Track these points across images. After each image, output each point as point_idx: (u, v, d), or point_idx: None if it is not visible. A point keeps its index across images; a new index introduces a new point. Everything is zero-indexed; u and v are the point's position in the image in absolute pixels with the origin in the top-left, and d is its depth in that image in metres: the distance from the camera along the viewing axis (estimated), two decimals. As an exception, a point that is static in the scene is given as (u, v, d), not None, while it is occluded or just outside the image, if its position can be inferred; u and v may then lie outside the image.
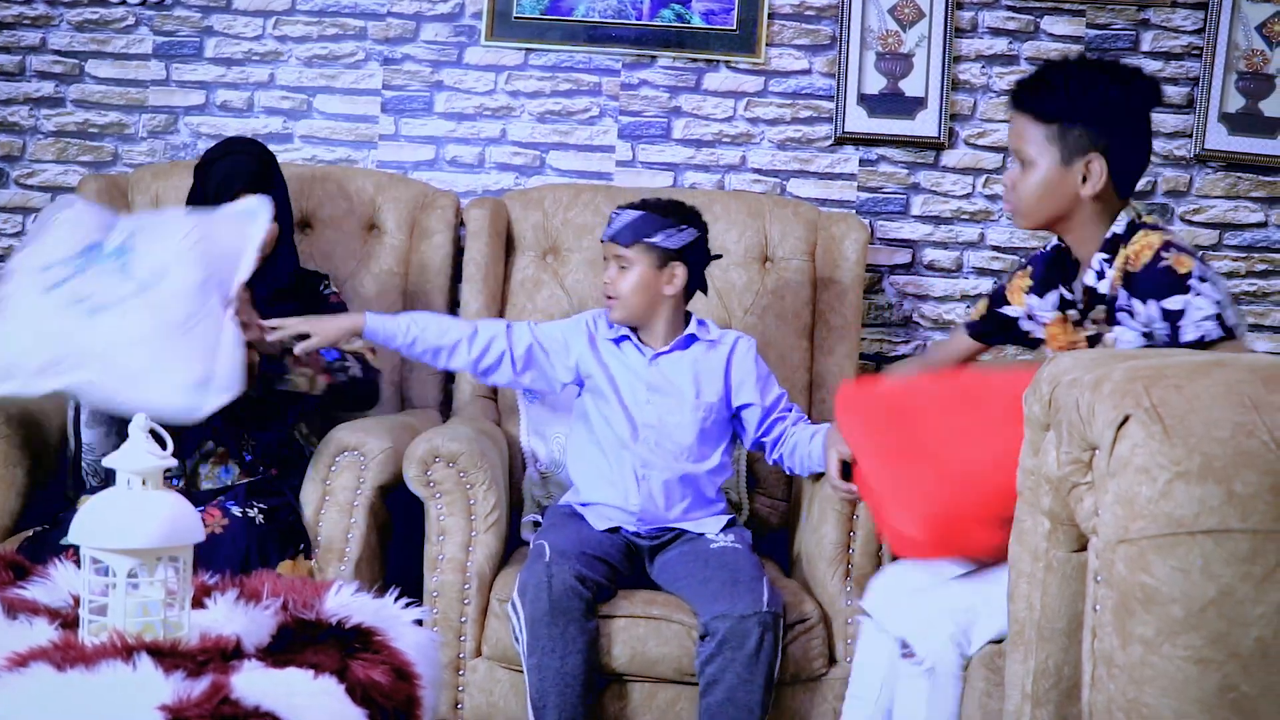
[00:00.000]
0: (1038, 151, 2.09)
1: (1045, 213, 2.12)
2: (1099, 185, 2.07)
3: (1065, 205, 2.10)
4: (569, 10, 3.21)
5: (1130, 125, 2.09)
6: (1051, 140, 2.08)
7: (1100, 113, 2.06)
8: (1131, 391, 1.36)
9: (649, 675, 2.40)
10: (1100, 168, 2.06)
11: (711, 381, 2.58)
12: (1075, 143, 2.07)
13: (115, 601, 1.54)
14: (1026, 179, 2.11)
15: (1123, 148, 2.08)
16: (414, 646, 1.68)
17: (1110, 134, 2.06)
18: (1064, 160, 2.07)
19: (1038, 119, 2.09)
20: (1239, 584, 1.27)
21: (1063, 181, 2.08)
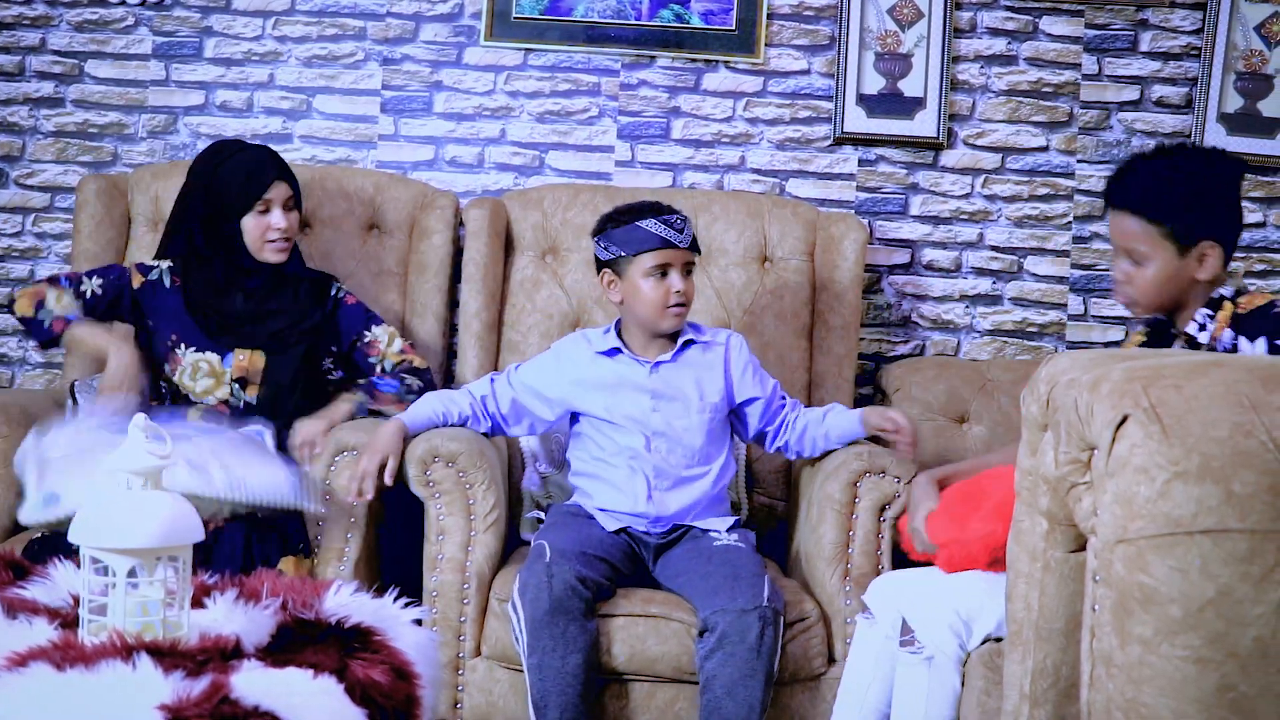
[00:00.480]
0: (1151, 248, 2.15)
1: (1165, 299, 2.19)
2: (1216, 269, 2.15)
3: (1183, 291, 2.17)
4: (568, 10, 3.21)
5: (1231, 207, 2.18)
6: (1164, 236, 2.14)
7: (1205, 203, 2.14)
8: (1130, 391, 1.36)
9: (649, 674, 2.40)
10: (1216, 253, 2.14)
11: (713, 381, 2.59)
12: (1187, 234, 2.13)
13: (115, 601, 1.54)
14: (1144, 274, 2.17)
15: (1229, 227, 2.17)
16: (413, 646, 1.68)
17: (1218, 220, 2.15)
18: (1180, 253, 2.14)
19: (1146, 219, 2.14)
20: (1237, 584, 1.27)
21: (1180, 272, 2.15)
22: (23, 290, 2.65)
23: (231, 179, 2.62)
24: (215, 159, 2.66)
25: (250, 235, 2.63)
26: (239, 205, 2.62)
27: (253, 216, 2.63)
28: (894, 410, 2.58)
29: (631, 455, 2.54)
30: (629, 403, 2.55)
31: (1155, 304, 2.20)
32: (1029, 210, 3.26)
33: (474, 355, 2.98)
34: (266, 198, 2.62)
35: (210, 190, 2.63)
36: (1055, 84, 3.24)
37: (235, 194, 2.61)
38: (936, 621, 2.02)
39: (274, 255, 2.65)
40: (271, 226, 2.63)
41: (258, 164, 2.64)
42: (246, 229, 2.63)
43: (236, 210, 2.62)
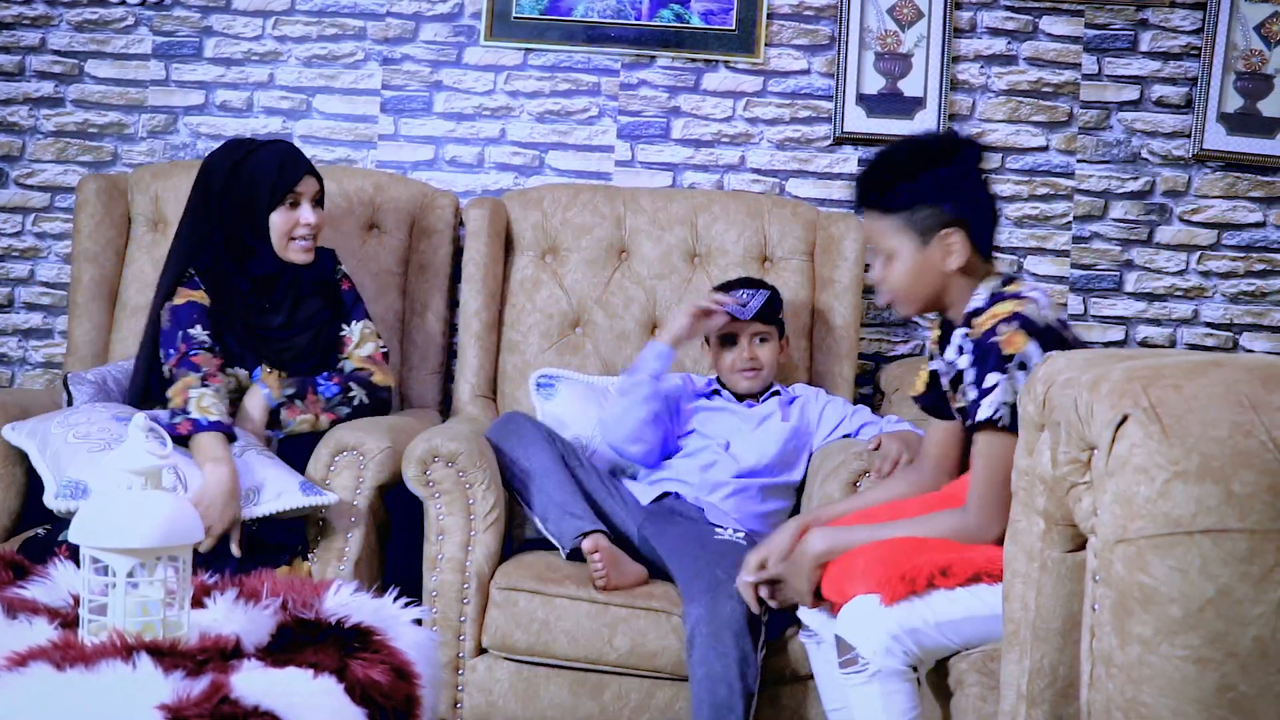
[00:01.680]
0: (896, 242, 2.13)
1: (922, 295, 2.16)
2: (963, 256, 2.11)
3: (935, 284, 2.14)
4: (568, 10, 3.21)
5: (969, 190, 2.14)
6: (904, 227, 2.12)
7: (940, 189, 2.11)
8: (1130, 391, 1.36)
9: (648, 669, 2.40)
10: (959, 239, 2.11)
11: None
12: (926, 222, 2.11)
13: (115, 601, 1.54)
14: (893, 270, 2.15)
15: (970, 211, 2.12)
16: (413, 646, 1.68)
17: (954, 203, 2.11)
18: (922, 243, 2.12)
19: (885, 212, 2.14)
20: (1237, 584, 1.27)
21: (927, 262, 2.12)
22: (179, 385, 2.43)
23: (260, 172, 2.54)
24: (235, 153, 2.58)
25: (277, 231, 2.56)
26: (268, 198, 2.54)
27: (281, 212, 2.55)
28: (895, 446, 2.49)
29: None
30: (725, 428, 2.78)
31: (913, 299, 2.16)
32: (1029, 210, 3.26)
33: (474, 355, 2.99)
34: (298, 190, 2.56)
35: (234, 185, 2.55)
36: (1055, 84, 3.24)
37: (265, 186, 2.53)
38: (875, 633, 1.95)
39: (299, 255, 2.58)
40: (300, 222, 2.56)
41: (288, 156, 2.58)
42: (274, 225, 2.55)
43: (265, 204, 2.54)
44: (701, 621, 2.28)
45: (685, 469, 2.72)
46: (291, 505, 2.36)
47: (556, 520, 2.51)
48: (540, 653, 2.43)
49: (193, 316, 2.51)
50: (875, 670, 1.94)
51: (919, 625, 1.95)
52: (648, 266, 3.04)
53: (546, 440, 2.60)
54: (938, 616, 1.95)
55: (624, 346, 3.01)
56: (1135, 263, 3.27)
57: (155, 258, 3.00)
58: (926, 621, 1.95)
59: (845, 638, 1.98)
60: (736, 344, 2.78)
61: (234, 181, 2.56)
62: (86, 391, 2.63)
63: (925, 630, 1.95)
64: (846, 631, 1.99)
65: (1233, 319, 3.28)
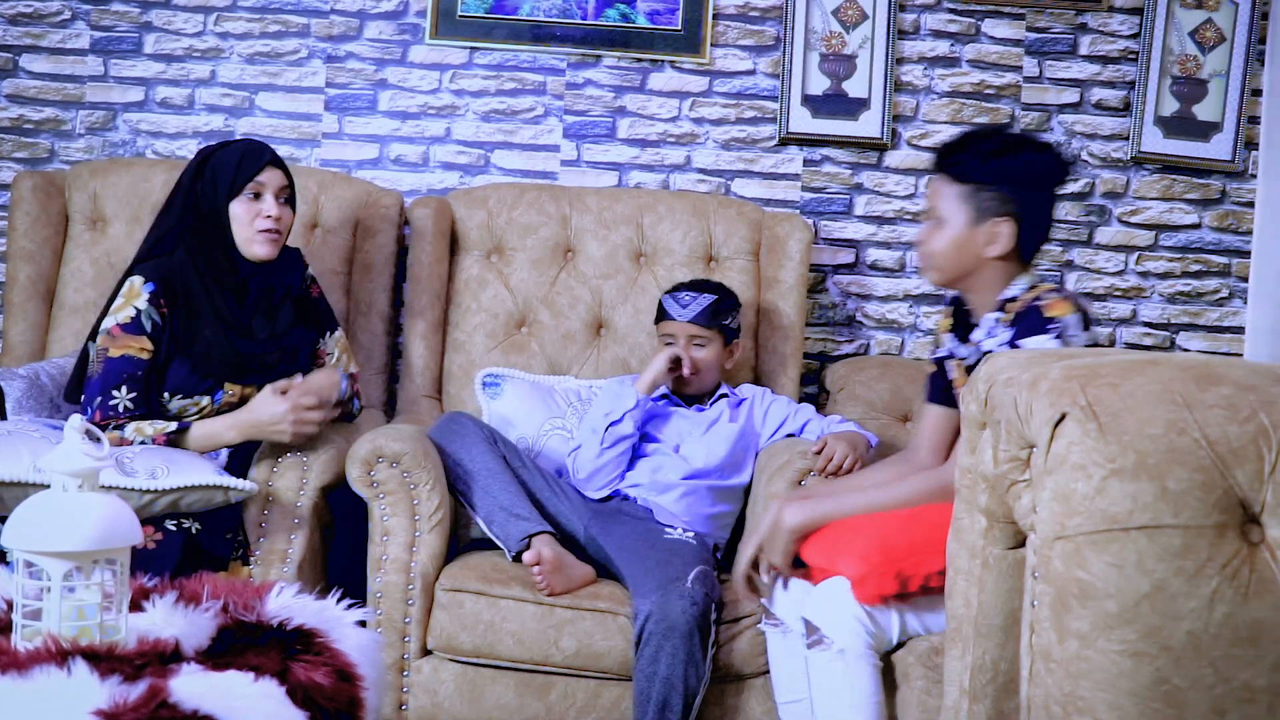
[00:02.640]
0: (950, 210, 2.19)
1: (953, 268, 2.21)
2: (1005, 247, 2.17)
3: (971, 264, 2.20)
4: (514, 9, 3.20)
5: (1039, 195, 2.20)
6: (964, 200, 2.18)
7: (1012, 179, 2.17)
8: (1068, 390, 1.37)
9: (594, 670, 2.40)
10: (1008, 231, 2.17)
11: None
12: (986, 205, 2.17)
13: (50, 606, 1.51)
14: (938, 235, 2.21)
15: (1029, 215, 2.18)
16: (357, 648, 1.67)
17: (1019, 201, 2.17)
18: (974, 221, 2.18)
19: (954, 179, 2.20)
20: (1171, 579, 1.29)
21: (970, 241, 2.18)
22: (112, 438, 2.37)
23: (222, 165, 2.49)
24: (205, 152, 2.54)
25: (239, 223, 2.47)
26: (228, 189, 2.47)
27: (242, 202, 2.47)
28: (840, 447, 2.52)
29: None
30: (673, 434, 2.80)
31: (944, 270, 2.22)
32: (971, 211, 3.30)
33: (419, 355, 2.97)
34: (259, 180, 2.48)
35: (199, 179, 2.50)
36: (997, 86, 3.28)
37: (226, 176, 2.48)
38: (840, 613, 2.01)
39: (262, 248, 2.48)
40: (262, 213, 2.47)
41: (252, 149, 2.52)
42: (235, 216, 2.47)
43: (225, 193, 2.47)
44: (651, 619, 2.29)
45: (636, 471, 2.72)
46: (203, 481, 2.27)
47: (502, 523, 2.50)
48: (486, 654, 2.42)
49: (122, 376, 2.39)
50: (840, 649, 1.98)
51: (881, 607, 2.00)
52: (594, 266, 3.04)
53: (489, 441, 2.59)
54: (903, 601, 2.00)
55: (569, 346, 3.00)
56: (1076, 263, 3.32)
57: (94, 256, 2.96)
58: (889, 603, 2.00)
59: (813, 620, 2.04)
60: (673, 344, 2.79)
61: (199, 178, 2.51)
62: (18, 387, 2.58)
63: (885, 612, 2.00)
64: (813, 613, 2.05)
65: (1170, 319, 3.33)
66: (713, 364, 2.80)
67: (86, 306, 2.92)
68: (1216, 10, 3.25)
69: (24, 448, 2.26)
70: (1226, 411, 1.33)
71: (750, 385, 2.89)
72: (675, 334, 2.78)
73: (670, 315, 2.78)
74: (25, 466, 2.23)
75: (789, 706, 2.24)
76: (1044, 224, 2.22)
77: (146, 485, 2.23)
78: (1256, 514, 1.31)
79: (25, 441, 2.28)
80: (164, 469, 2.27)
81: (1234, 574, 1.29)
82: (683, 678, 2.28)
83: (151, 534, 2.27)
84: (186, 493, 2.28)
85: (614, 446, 2.69)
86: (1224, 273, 3.33)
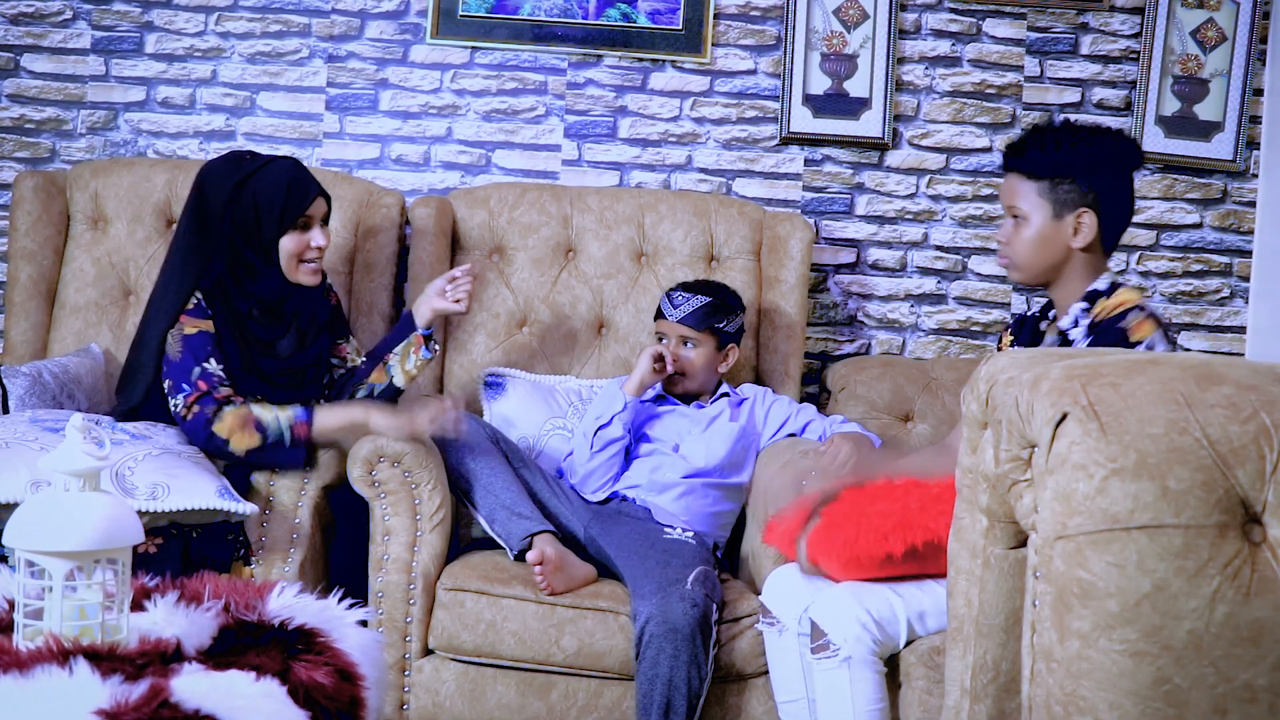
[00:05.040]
0: (1030, 207, 2.20)
1: (1040, 265, 2.22)
2: (1090, 237, 2.18)
3: (1058, 257, 2.20)
4: (515, 9, 3.20)
5: (1116, 180, 2.20)
6: (1043, 195, 2.19)
7: (1088, 168, 2.17)
8: (1069, 389, 1.37)
9: (595, 669, 2.40)
10: (1091, 220, 2.18)
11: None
12: (1065, 197, 2.18)
13: (51, 605, 1.51)
14: (1020, 233, 2.21)
15: (1110, 201, 2.19)
16: (358, 647, 1.67)
17: (1098, 188, 2.18)
18: (1056, 214, 2.19)
19: (1029, 176, 2.20)
20: (1172, 578, 1.29)
21: (1056, 234, 2.19)
22: (220, 426, 2.38)
23: (268, 193, 2.45)
24: (237, 171, 2.48)
25: (286, 254, 2.48)
26: (278, 222, 2.45)
27: (292, 236, 2.47)
28: (846, 447, 2.51)
29: None
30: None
31: (1030, 267, 2.23)
32: (973, 210, 3.30)
33: (420, 354, 2.97)
34: (309, 213, 2.49)
35: (238, 205, 2.45)
36: (998, 85, 3.28)
37: (273, 209, 2.45)
38: (846, 619, 2.00)
39: (308, 277, 2.51)
40: (311, 245, 2.49)
41: (297, 177, 2.48)
42: (283, 249, 2.47)
43: (275, 227, 2.45)
44: (652, 621, 2.29)
45: (634, 472, 2.72)
46: (203, 505, 2.27)
47: (504, 521, 2.50)
48: (487, 654, 2.42)
49: (206, 349, 2.42)
50: (846, 656, 1.97)
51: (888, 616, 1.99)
52: (595, 266, 3.04)
53: (490, 440, 2.59)
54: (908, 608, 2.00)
55: (571, 346, 3.01)
56: (1076, 263, 3.32)
57: (95, 256, 2.96)
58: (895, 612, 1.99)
59: (819, 623, 2.03)
60: (665, 343, 2.79)
61: (237, 202, 2.46)
62: (21, 384, 2.58)
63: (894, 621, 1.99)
64: (820, 617, 2.03)
65: (1171, 319, 3.33)
66: (702, 366, 2.78)
67: (88, 306, 2.92)
68: (1218, 10, 3.25)
69: (22, 464, 2.23)
70: (1228, 411, 1.33)
71: (751, 385, 2.89)
72: (667, 333, 2.79)
73: (663, 314, 2.79)
74: (22, 485, 2.21)
75: (788, 706, 2.24)
76: (1125, 209, 2.22)
77: (146, 507, 2.23)
78: (1258, 513, 1.31)
79: (23, 456, 2.25)
80: (165, 488, 2.26)
81: (1235, 573, 1.29)
82: (685, 679, 2.28)
83: (152, 539, 2.27)
84: (186, 515, 2.28)
85: (604, 450, 2.69)
86: (1225, 272, 3.33)
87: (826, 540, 2.06)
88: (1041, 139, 2.21)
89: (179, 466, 2.31)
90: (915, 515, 2.02)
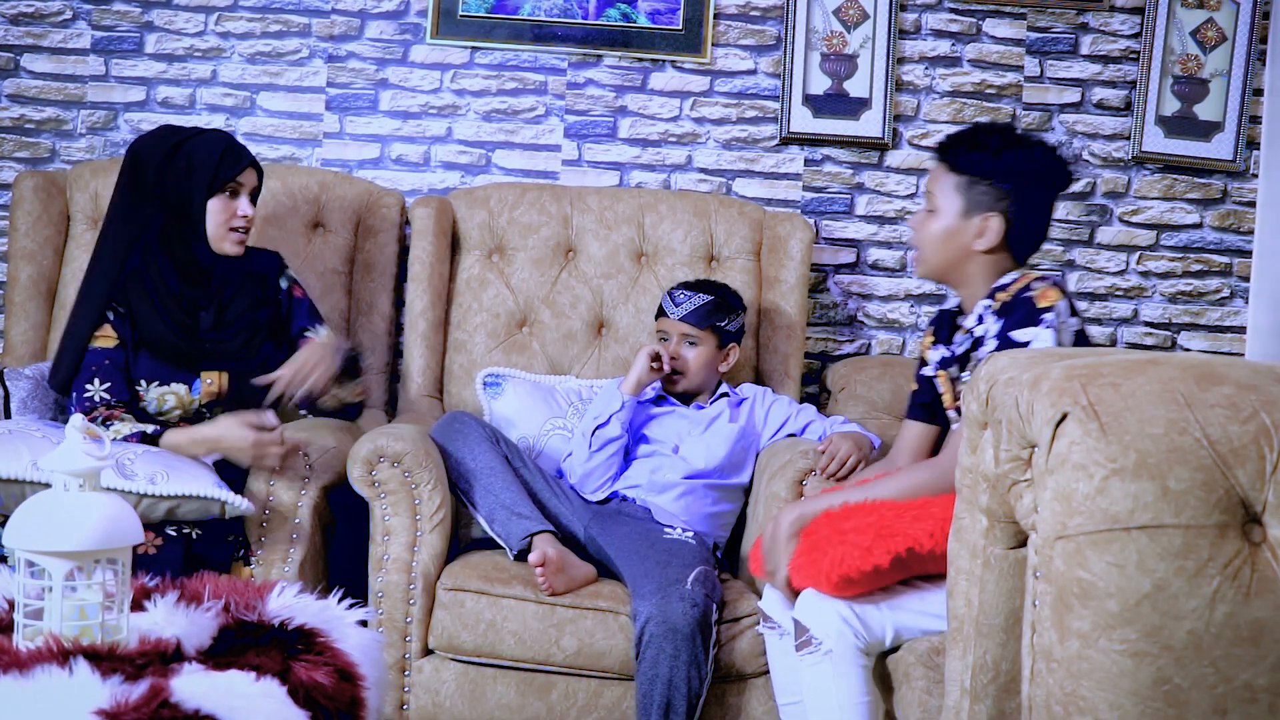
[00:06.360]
0: (944, 199, 2.21)
1: (939, 259, 2.23)
2: (993, 242, 2.18)
3: (958, 255, 2.22)
4: (515, 9, 3.20)
5: (1033, 195, 2.20)
6: (959, 190, 2.20)
7: (1007, 176, 2.18)
8: (1069, 390, 1.37)
9: (595, 669, 2.40)
10: (998, 226, 2.18)
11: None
12: (979, 198, 2.19)
13: (51, 605, 1.51)
14: (929, 223, 2.23)
15: (1021, 214, 2.19)
16: (358, 647, 1.67)
17: (1012, 198, 2.18)
18: (965, 212, 2.20)
19: (952, 168, 2.22)
20: (1172, 578, 1.29)
21: (960, 232, 2.20)
22: None
23: (201, 156, 2.47)
24: (171, 138, 2.50)
25: (214, 219, 2.48)
26: (208, 183, 2.46)
27: (220, 200, 2.48)
28: (845, 446, 2.50)
29: None
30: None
31: (931, 260, 2.24)
32: (972, 210, 3.30)
33: (420, 355, 2.97)
34: (239, 180, 2.49)
35: (171, 168, 2.47)
36: (998, 85, 3.28)
37: (205, 171, 2.46)
38: (827, 613, 2.00)
39: (233, 247, 2.51)
40: (238, 213, 2.49)
41: (232, 145, 2.51)
42: (211, 211, 2.48)
43: (204, 189, 2.46)
44: (652, 621, 2.29)
45: (634, 472, 2.72)
46: (201, 492, 2.27)
47: (504, 521, 2.50)
48: (487, 654, 2.42)
49: (90, 368, 2.44)
50: (828, 650, 1.97)
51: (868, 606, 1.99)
52: (595, 266, 3.04)
53: (490, 440, 2.59)
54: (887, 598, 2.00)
55: (571, 345, 3.00)
56: (1077, 262, 3.32)
57: (94, 256, 2.96)
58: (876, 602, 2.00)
59: (800, 620, 2.04)
60: (666, 342, 2.80)
61: (171, 165, 2.48)
62: (24, 387, 2.58)
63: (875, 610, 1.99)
64: (802, 614, 2.04)
65: (1171, 318, 3.33)
66: (702, 365, 2.78)
67: (88, 306, 2.92)
68: (1218, 10, 3.25)
69: (24, 446, 2.26)
70: (1228, 411, 1.33)
71: (751, 385, 2.89)
72: (668, 331, 2.79)
73: (665, 312, 2.79)
74: (24, 464, 2.23)
75: (788, 707, 2.24)
76: (1037, 224, 2.22)
77: (145, 489, 2.23)
78: (1258, 513, 1.31)
79: (26, 440, 2.28)
80: (163, 474, 2.27)
81: (1235, 573, 1.29)
82: (685, 679, 2.28)
83: (152, 539, 2.27)
84: (184, 501, 2.28)
85: (602, 450, 2.69)
86: (1225, 272, 3.33)
87: (812, 566, 2.06)
88: (973, 137, 2.22)
89: (176, 460, 2.33)
90: (892, 524, 2.03)
